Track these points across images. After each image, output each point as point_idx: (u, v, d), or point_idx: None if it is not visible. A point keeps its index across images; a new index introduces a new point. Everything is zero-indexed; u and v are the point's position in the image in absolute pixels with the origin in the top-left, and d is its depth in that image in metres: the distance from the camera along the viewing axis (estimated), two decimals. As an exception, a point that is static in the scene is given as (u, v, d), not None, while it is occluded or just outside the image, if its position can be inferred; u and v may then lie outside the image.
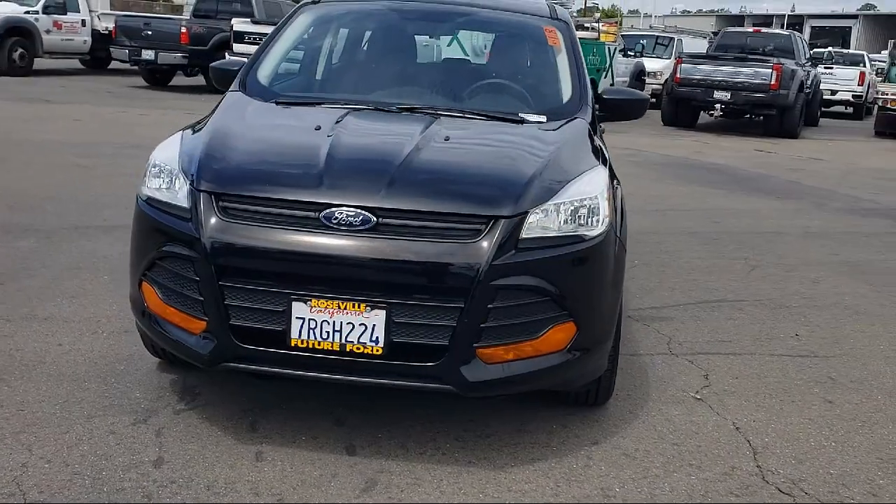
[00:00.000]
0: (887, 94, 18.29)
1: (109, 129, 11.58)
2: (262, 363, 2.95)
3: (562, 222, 2.99)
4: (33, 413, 3.31)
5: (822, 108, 21.22)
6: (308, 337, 2.87)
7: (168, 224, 3.05)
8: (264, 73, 4.08)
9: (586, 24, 16.94)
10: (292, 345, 2.89)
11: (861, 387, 4.11)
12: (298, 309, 2.86)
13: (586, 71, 4.15)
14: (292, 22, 4.41)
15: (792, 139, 16.63)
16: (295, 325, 2.87)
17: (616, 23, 19.42)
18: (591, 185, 3.15)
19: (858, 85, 23.72)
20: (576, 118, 3.78)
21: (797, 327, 4.97)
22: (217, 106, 3.82)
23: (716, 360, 4.34)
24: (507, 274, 2.85)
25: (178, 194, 3.09)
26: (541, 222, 2.95)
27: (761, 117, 17.05)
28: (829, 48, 32.37)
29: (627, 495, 2.97)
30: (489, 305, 2.84)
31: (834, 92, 23.09)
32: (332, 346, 2.87)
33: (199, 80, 18.22)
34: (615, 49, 17.92)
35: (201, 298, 2.95)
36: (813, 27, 68.59)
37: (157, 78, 18.26)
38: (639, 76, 19.55)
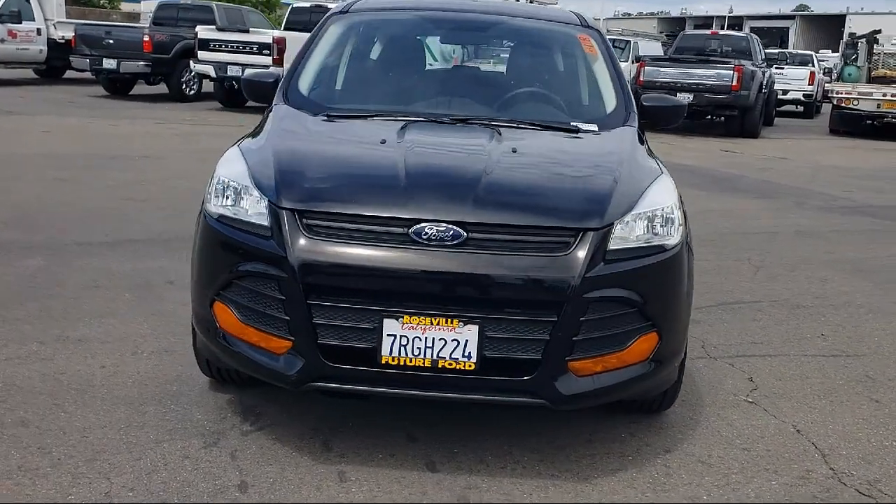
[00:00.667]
0: (841, 93, 18.77)
1: (81, 140, 11.30)
2: (350, 382, 2.90)
3: (642, 232, 3.01)
4: (99, 440, 3.20)
5: (776, 108, 21.70)
6: (399, 354, 2.83)
7: (247, 242, 2.98)
8: (305, 85, 4.02)
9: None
10: (383, 362, 2.85)
11: (900, 385, 4.21)
12: (390, 326, 2.82)
13: (626, 79, 4.18)
14: (324, 32, 4.35)
15: (753, 139, 16.97)
16: (386, 343, 2.83)
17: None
18: (665, 195, 3.17)
19: (808, 84, 24.32)
20: (625, 126, 3.80)
21: (820, 327, 5.06)
22: (266, 119, 3.75)
23: (755, 362, 4.40)
24: (598, 286, 2.85)
25: (253, 211, 3.02)
26: (624, 233, 2.96)
27: (723, 118, 17.36)
28: (781, 49, 33.05)
29: None
30: (581, 318, 2.84)
31: (786, 91, 23.62)
32: (423, 363, 2.83)
33: (162, 88, 17.87)
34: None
35: (287, 318, 2.89)
36: (752, 28, 70.08)
37: (118, 87, 17.85)
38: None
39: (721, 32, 20.36)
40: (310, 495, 2.90)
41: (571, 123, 3.78)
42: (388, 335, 2.82)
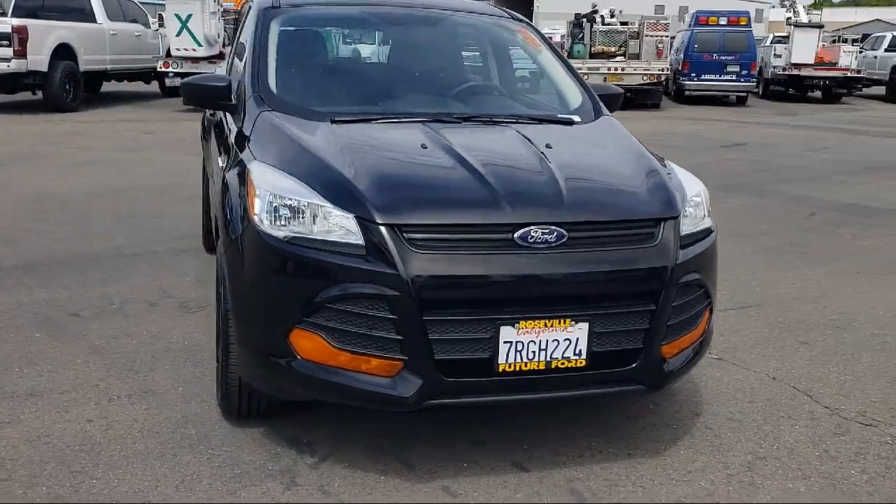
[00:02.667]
0: (582, 69, 20.43)
1: None
2: (469, 395, 2.85)
3: (694, 217, 3.23)
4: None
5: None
6: (515, 360, 2.83)
7: (340, 263, 2.78)
8: (278, 89, 3.76)
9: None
10: (500, 370, 2.83)
11: None
12: (506, 333, 2.80)
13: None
14: (267, 30, 4.07)
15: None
16: (502, 350, 2.81)
17: None
18: (693, 181, 3.41)
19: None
20: (605, 116, 3.99)
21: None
22: (259, 128, 3.46)
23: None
24: (684, 272, 3.03)
25: (338, 229, 2.83)
26: (686, 219, 3.16)
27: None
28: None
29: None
30: (673, 304, 3.01)
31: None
32: (537, 366, 2.86)
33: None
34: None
35: (400, 337, 2.76)
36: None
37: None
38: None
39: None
40: (434, 516, 2.82)
41: (559, 115, 3.90)
42: (505, 342, 2.81)
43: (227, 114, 4.15)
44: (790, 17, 27.64)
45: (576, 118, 3.88)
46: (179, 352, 4.18)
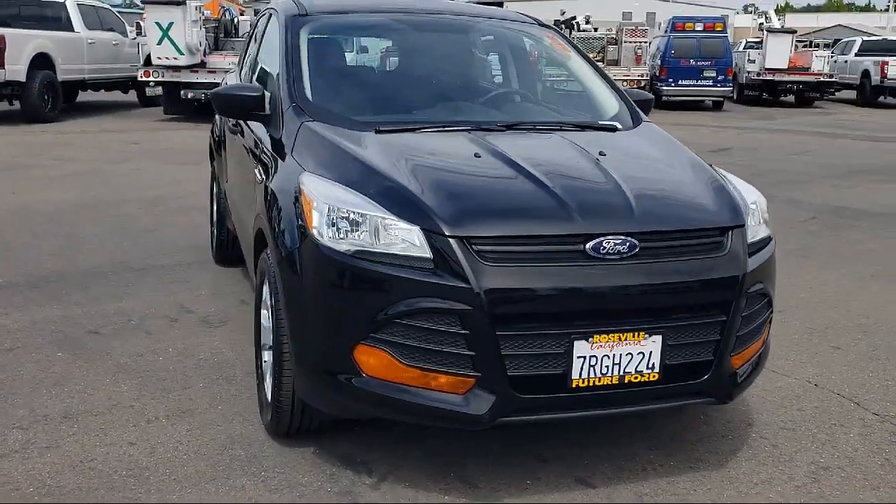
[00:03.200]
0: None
1: None
2: (542, 412, 2.77)
3: (755, 225, 3.18)
4: (230, 529, 2.75)
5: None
6: (589, 375, 2.76)
7: (409, 277, 2.69)
8: (316, 98, 3.66)
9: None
10: (573, 386, 2.75)
11: None
12: (580, 347, 2.73)
13: None
14: (297, 38, 3.97)
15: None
16: (576, 365, 2.74)
17: None
18: (749, 189, 3.36)
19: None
20: (644, 122, 3.94)
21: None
22: (302, 139, 3.36)
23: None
24: (752, 281, 2.98)
25: (403, 243, 2.73)
26: (750, 228, 3.11)
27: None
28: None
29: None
30: (743, 314, 2.95)
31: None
32: (611, 381, 2.78)
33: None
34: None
35: (471, 353, 2.67)
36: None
37: None
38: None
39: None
40: (508, 537, 2.74)
41: (601, 122, 3.84)
42: (578, 357, 2.73)
43: (249, 124, 4.04)
44: (762, 23, 28.00)
45: (617, 125, 3.82)
46: (210, 369, 4.05)
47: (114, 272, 5.67)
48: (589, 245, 2.75)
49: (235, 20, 17.17)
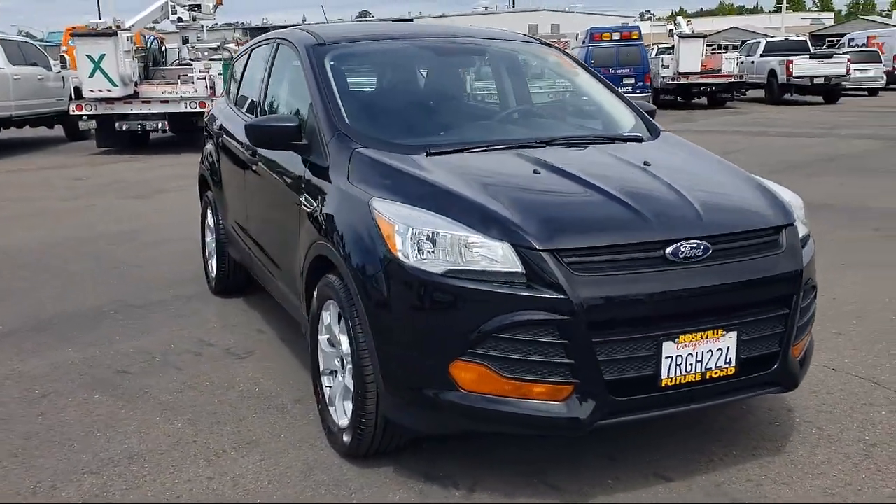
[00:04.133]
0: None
1: None
2: (636, 412, 2.92)
3: (798, 223, 3.40)
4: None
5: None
6: (676, 374, 2.92)
7: (505, 292, 2.80)
8: (360, 124, 3.75)
9: (225, 45, 16.53)
10: (662, 385, 2.91)
11: None
12: (668, 348, 2.89)
13: None
14: (324, 68, 4.04)
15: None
16: (665, 365, 2.90)
17: (246, 41, 19.11)
18: (783, 190, 3.59)
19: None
20: (663, 132, 4.15)
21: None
22: (357, 165, 3.44)
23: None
24: (807, 275, 3.20)
25: (493, 259, 2.84)
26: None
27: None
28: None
29: None
30: (802, 306, 3.17)
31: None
32: (695, 377, 2.96)
33: None
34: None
35: (570, 361, 2.80)
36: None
37: None
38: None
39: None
40: (613, 534, 2.87)
41: (625, 134, 4.03)
42: (667, 357, 2.90)
43: (278, 154, 4.07)
44: (671, 29, 29.01)
45: (641, 135, 4.02)
46: (255, 399, 4.07)
47: (116, 311, 5.59)
48: (668, 250, 2.92)
49: (163, 48, 16.93)
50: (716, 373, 2.99)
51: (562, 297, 2.78)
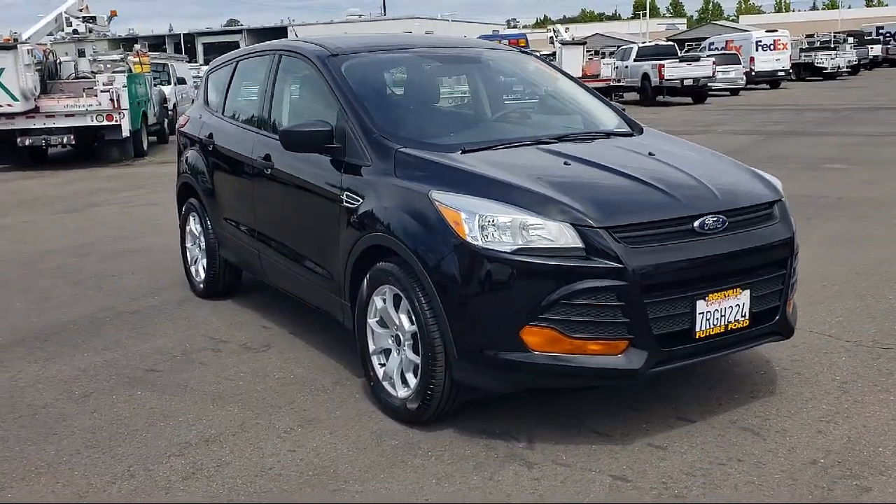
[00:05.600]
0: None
1: None
2: (679, 360, 3.46)
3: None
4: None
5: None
6: (706, 326, 3.48)
7: (570, 265, 3.28)
8: (392, 127, 4.15)
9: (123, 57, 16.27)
10: (697, 337, 3.47)
11: None
12: (700, 305, 3.45)
13: None
14: (343, 76, 4.42)
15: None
16: (699, 320, 3.45)
17: (146, 52, 18.78)
18: (764, 172, 4.22)
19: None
20: (646, 128, 4.73)
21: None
22: (401, 163, 3.85)
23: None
24: (796, 241, 3.83)
25: (556, 237, 3.31)
26: None
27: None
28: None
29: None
30: (794, 266, 3.80)
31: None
32: (720, 329, 3.52)
33: None
34: (151, 79, 17.57)
35: (626, 320, 3.31)
36: (204, 44, 72.09)
37: None
38: (162, 103, 19.33)
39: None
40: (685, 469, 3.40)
41: (617, 130, 4.59)
42: (700, 313, 3.45)
43: (298, 157, 4.40)
44: (552, 37, 30.33)
45: (630, 131, 4.59)
46: (295, 385, 4.38)
47: (111, 318, 5.73)
48: (696, 224, 3.48)
49: (58, 61, 16.51)
50: (735, 325, 3.57)
51: (619, 265, 3.29)
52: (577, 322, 3.32)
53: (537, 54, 5.44)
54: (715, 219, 3.53)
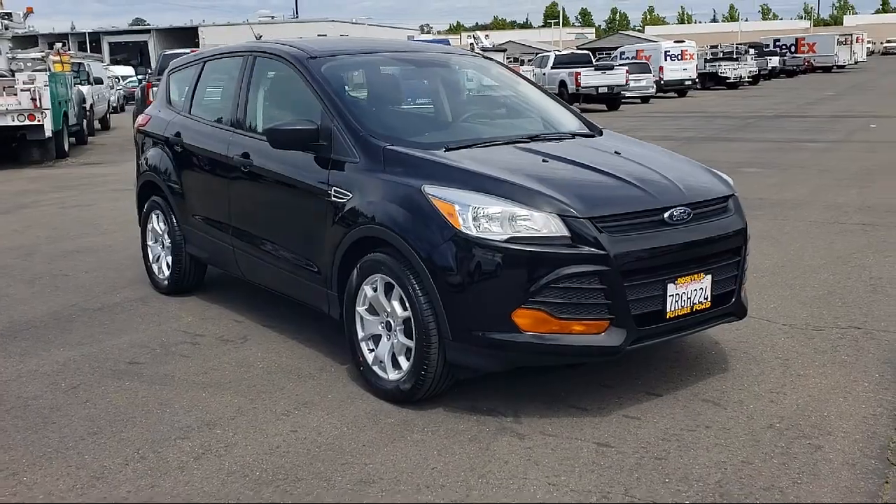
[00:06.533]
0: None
1: None
2: (651, 338, 3.82)
3: None
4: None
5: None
6: (675, 307, 3.86)
7: (558, 252, 3.60)
8: (376, 126, 4.40)
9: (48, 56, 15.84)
10: (668, 317, 3.84)
11: None
12: (670, 288, 3.82)
13: None
14: (325, 77, 4.65)
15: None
16: (669, 301, 3.82)
17: (67, 52, 18.27)
18: (717, 170, 4.64)
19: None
20: (606, 129, 5.11)
21: None
22: (390, 160, 4.10)
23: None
24: (748, 231, 4.26)
25: (544, 227, 3.62)
26: None
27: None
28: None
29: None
30: (746, 254, 4.23)
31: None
32: (687, 310, 3.91)
33: None
34: (71, 78, 17.19)
35: (608, 301, 3.65)
36: (111, 43, 70.16)
37: None
38: (81, 103, 18.92)
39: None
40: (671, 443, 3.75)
41: (581, 131, 4.95)
42: (670, 295, 3.82)
43: (281, 155, 4.60)
44: (472, 44, 30.87)
45: (591, 132, 4.96)
46: (281, 372, 4.58)
47: (76, 315, 5.78)
48: (666, 215, 3.85)
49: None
50: (698, 306, 3.96)
51: (602, 252, 3.63)
52: (563, 304, 3.64)
53: (497, 61, 5.69)
54: (682, 210, 3.91)
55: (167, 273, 6.15)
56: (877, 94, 32.60)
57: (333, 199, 4.30)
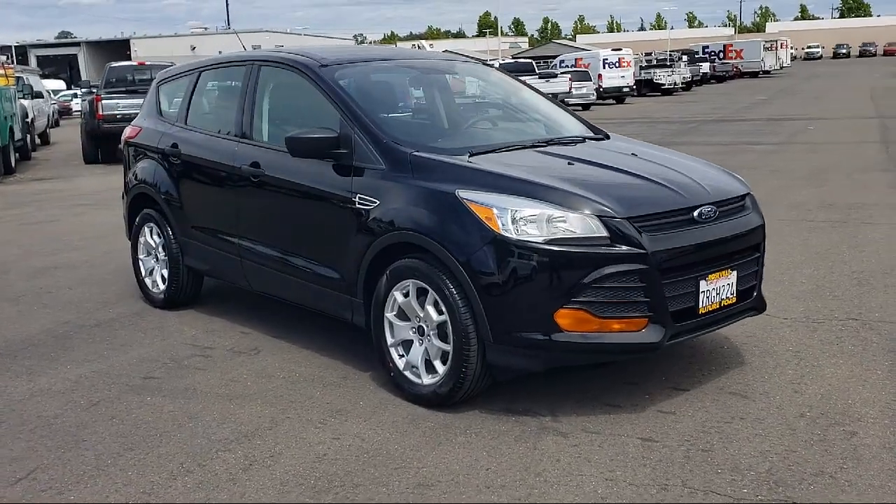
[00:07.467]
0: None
1: None
2: (686, 334, 3.92)
3: None
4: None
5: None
6: (706, 303, 3.97)
7: (598, 252, 3.67)
8: (402, 134, 4.42)
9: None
10: (700, 313, 3.94)
11: None
12: (703, 285, 3.93)
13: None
14: (340, 85, 4.66)
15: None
16: (701, 297, 3.93)
17: (11, 65, 17.68)
18: (730, 171, 4.77)
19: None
20: (612, 133, 5.22)
21: None
22: (419, 166, 4.12)
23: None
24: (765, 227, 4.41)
25: (582, 228, 3.69)
26: None
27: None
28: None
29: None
30: (764, 249, 4.36)
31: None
32: (716, 306, 4.02)
33: None
34: (16, 92, 16.70)
35: (647, 299, 3.73)
36: (38, 56, 68.35)
37: None
38: (24, 118, 18.37)
39: (148, 63, 20.44)
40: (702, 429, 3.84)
41: (590, 135, 5.05)
42: (702, 292, 3.93)
43: (301, 163, 4.59)
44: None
45: (599, 136, 5.06)
46: (306, 382, 4.55)
47: (73, 332, 5.64)
48: (695, 213, 3.96)
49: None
50: (726, 301, 4.08)
51: (641, 251, 3.72)
52: (604, 303, 3.71)
53: (496, 66, 5.77)
54: (709, 209, 4.02)
55: (162, 287, 6.04)
56: (804, 97, 33.77)
57: (358, 206, 4.29)
